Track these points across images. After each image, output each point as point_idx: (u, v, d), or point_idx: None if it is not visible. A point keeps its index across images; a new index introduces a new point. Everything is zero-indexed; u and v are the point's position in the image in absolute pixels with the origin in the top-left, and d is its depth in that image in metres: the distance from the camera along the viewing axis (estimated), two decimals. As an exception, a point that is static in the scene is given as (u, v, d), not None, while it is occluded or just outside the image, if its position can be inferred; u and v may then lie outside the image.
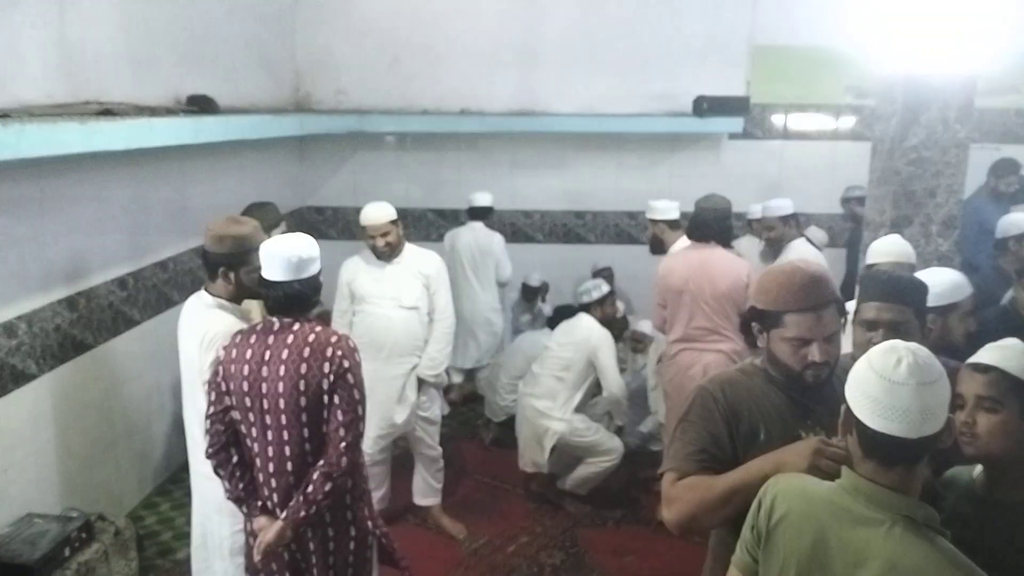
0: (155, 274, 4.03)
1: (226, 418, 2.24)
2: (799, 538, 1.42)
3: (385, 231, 3.52)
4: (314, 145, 6.22)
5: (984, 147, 5.62)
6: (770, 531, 1.47)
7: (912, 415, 1.31)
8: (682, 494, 1.72)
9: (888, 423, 1.33)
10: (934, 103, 3.32)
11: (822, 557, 1.39)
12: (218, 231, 2.46)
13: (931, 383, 1.33)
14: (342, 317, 3.67)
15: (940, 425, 1.34)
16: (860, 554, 1.35)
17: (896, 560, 1.32)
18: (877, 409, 1.34)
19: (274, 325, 2.22)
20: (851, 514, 1.38)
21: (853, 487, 1.41)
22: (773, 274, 1.82)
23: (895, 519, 1.35)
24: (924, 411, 1.31)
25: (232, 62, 4.81)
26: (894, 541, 1.33)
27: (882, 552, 1.33)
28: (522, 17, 5.95)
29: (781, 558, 1.45)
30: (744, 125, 5.91)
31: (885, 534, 1.34)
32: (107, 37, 3.40)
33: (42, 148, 2.42)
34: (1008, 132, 6.10)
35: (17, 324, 3.00)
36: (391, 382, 3.57)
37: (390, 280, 3.56)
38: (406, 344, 3.59)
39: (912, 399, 1.31)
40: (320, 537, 2.27)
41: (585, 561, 3.64)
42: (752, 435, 1.76)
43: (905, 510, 1.36)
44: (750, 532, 1.53)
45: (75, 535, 2.89)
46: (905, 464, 1.36)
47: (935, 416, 1.33)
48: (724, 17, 5.92)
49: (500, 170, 6.28)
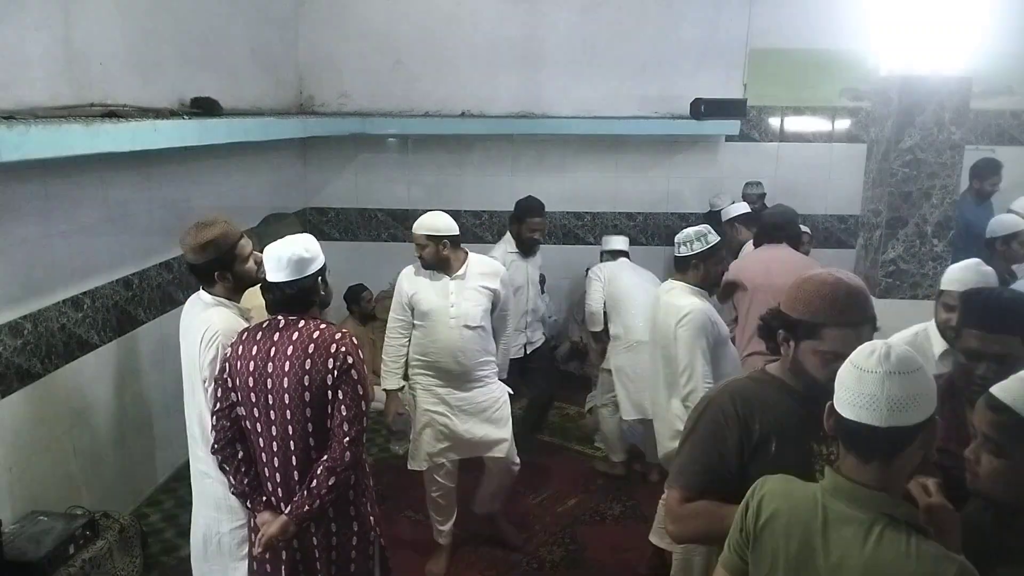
0: (159, 274, 4.06)
1: (232, 414, 2.27)
2: (786, 539, 1.43)
3: (422, 243, 3.29)
4: (317, 147, 6.26)
5: (979, 149, 5.67)
6: (758, 533, 1.49)
7: (879, 402, 1.32)
8: (689, 518, 1.74)
9: (857, 410, 1.35)
10: (929, 105, 3.35)
11: (807, 558, 1.40)
12: (196, 242, 2.41)
13: (901, 373, 1.33)
14: (402, 330, 3.40)
15: (913, 419, 1.33)
16: (842, 554, 1.36)
17: (875, 559, 1.33)
18: (848, 397, 1.37)
19: (279, 322, 2.26)
20: (834, 514, 1.40)
21: (834, 487, 1.42)
22: (812, 284, 1.71)
23: (875, 518, 1.36)
24: (891, 400, 1.32)
25: (236, 65, 4.84)
26: (873, 540, 1.34)
27: (862, 552, 1.34)
28: (523, 21, 6.00)
29: (769, 560, 1.47)
30: (741, 127, 5.96)
31: (865, 534, 1.35)
32: (111, 40, 3.43)
33: (47, 149, 2.45)
34: (1003, 134, 6.15)
35: (23, 324, 3.03)
36: (460, 403, 3.37)
37: (455, 297, 3.30)
38: (474, 363, 3.34)
39: (878, 386, 1.33)
40: (323, 532, 2.30)
41: (584, 557, 3.67)
42: (763, 446, 1.73)
43: (885, 508, 1.36)
44: (738, 534, 1.55)
45: (80, 532, 2.91)
46: (881, 458, 1.36)
47: (904, 408, 1.32)
48: (721, 21, 5.97)
49: (501, 172, 6.32)
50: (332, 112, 6.10)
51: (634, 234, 6.40)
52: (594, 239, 6.44)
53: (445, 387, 3.37)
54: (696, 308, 2.86)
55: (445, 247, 3.29)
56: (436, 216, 3.33)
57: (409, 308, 3.36)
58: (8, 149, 2.26)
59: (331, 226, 6.39)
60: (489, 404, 3.42)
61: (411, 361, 3.42)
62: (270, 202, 5.63)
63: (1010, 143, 6.10)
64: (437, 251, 3.28)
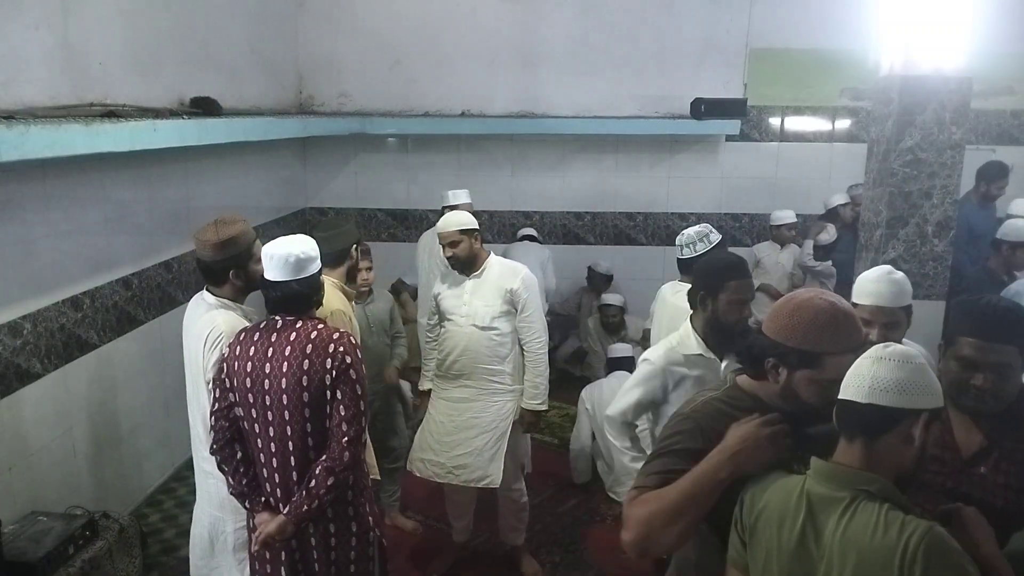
0: (159, 274, 4.06)
1: (230, 415, 2.27)
2: (778, 528, 1.46)
3: (453, 240, 3.24)
4: (316, 147, 6.27)
5: (979, 149, 5.67)
6: (753, 526, 1.51)
7: (863, 380, 1.42)
8: (635, 511, 1.60)
9: (845, 389, 1.45)
10: (930, 105, 3.35)
11: (799, 544, 1.43)
12: (218, 238, 2.43)
13: (891, 360, 1.41)
14: (430, 332, 3.49)
15: (894, 403, 1.38)
16: (829, 535, 1.40)
17: (850, 533, 1.37)
18: (846, 380, 1.46)
19: (277, 323, 2.26)
20: (816, 497, 1.43)
21: (816, 471, 1.47)
22: (808, 312, 1.61)
23: (855, 494, 1.40)
24: (875, 379, 1.40)
25: (235, 64, 4.84)
26: (848, 516, 1.38)
27: (839, 528, 1.38)
28: (522, 20, 6.00)
29: (763, 551, 1.49)
30: (741, 127, 5.97)
31: (843, 511, 1.39)
32: (111, 39, 3.43)
33: (47, 149, 2.44)
34: (1003, 133, 6.15)
35: (22, 324, 3.03)
36: (455, 406, 3.31)
37: (468, 296, 3.29)
38: (482, 368, 3.27)
39: (866, 368, 1.42)
40: (322, 532, 2.30)
41: (584, 558, 3.67)
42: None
43: (862, 484, 1.40)
44: (736, 529, 1.57)
45: (79, 533, 2.90)
46: (863, 438, 1.42)
47: (886, 390, 1.39)
48: (721, 20, 5.97)
49: (500, 171, 6.32)
50: (332, 112, 6.11)
51: (634, 234, 6.41)
52: (594, 239, 6.45)
53: (448, 390, 3.34)
54: None
55: (478, 239, 3.31)
56: (460, 213, 3.35)
57: (436, 310, 3.43)
58: (8, 149, 2.25)
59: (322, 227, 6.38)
60: (489, 421, 3.28)
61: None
62: (270, 202, 5.64)
63: (1010, 143, 6.11)
64: (471, 245, 3.27)
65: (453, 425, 3.32)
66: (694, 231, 3.01)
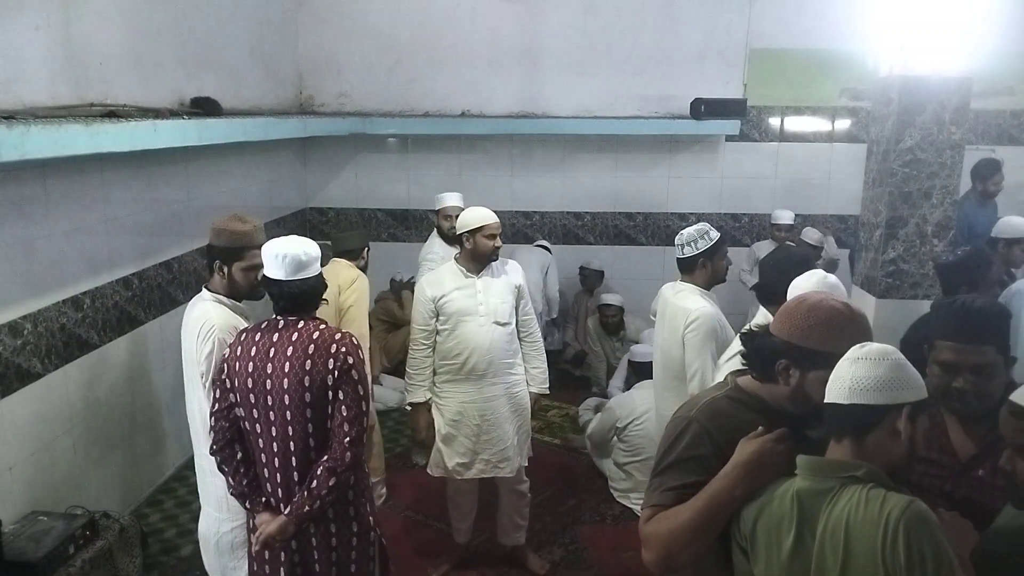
0: (159, 274, 4.06)
1: (230, 415, 2.27)
2: (777, 532, 1.47)
3: (496, 232, 3.24)
4: (316, 147, 6.27)
5: (979, 149, 5.67)
6: (752, 534, 1.52)
7: (843, 382, 1.44)
8: (653, 531, 1.60)
9: (829, 393, 1.48)
10: (929, 105, 3.35)
11: (797, 542, 1.45)
12: (218, 225, 2.53)
13: (867, 359, 1.43)
14: (425, 340, 3.29)
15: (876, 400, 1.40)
16: (820, 525, 1.42)
17: (836, 517, 1.39)
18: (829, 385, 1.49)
19: (278, 323, 2.26)
20: (808, 492, 1.45)
21: (803, 467, 1.50)
22: (823, 313, 1.59)
23: (843, 482, 1.43)
24: (854, 380, 1.43)
25: (235, 65, 4.85)
26: (833, 500, 1.41)
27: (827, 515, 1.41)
28: (522, 21, 6.00)
29: (764, 554, 1.50)
30: (741, 127, 5.96)
31: (831, 499, 1.42)
32: (111, 40, 3.43)
33: (47, 149, 2.45)
34: (1003, 134, 6.15)
35: (22, 324, 3.03)
36: (487, 404, 3.28)
37: (483, 295, 3.24)
38: (503, 363, 3.28)
39: (845, 369, 1.45)
40: (322, 533, 2.30)
41: (584, 557, 3.67)
42: None
43: (847, 471, 1.43)
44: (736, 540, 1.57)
45: (80, 533, 2.91)
46: (850, 437, 1.45)
47: (866, 389, 1.41)
48: (721, 21, 5.97)
49: (500, 172, 6.33)
50: (332, 112, 6.11)
51: (634, 234, 6.42)
52: (594, 239, 6.45)
53: (473, 392, 3.28)
54: (704, 312, 2.87)
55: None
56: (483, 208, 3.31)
57: (434, 315, 3.26)
58: (8, 149, 2.26)
59: (331, 226, 6.38)
60: (515, 408, 3.33)
61: (437, 369, 3.33)
62: (270, 202, 5.64)
63: (1010, 143, 6.11)
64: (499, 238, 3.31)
65: (488, 423, 3.29)
66: (693, 229, 3.02)
